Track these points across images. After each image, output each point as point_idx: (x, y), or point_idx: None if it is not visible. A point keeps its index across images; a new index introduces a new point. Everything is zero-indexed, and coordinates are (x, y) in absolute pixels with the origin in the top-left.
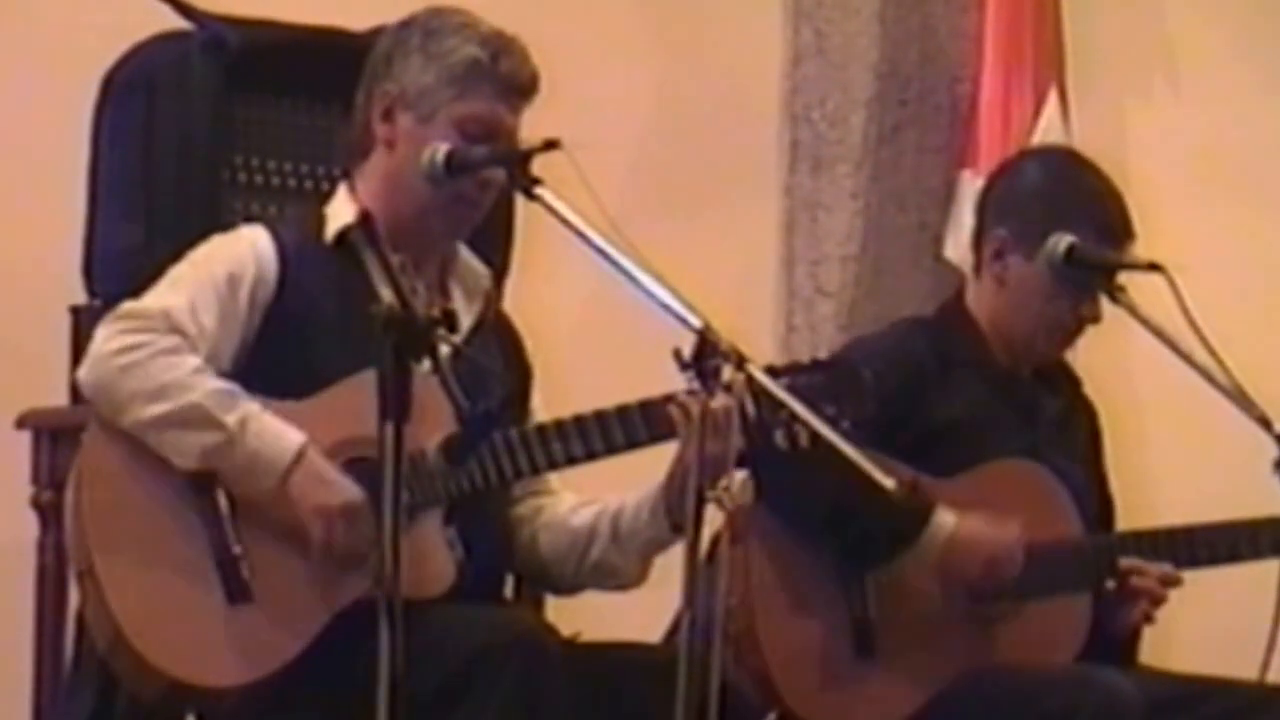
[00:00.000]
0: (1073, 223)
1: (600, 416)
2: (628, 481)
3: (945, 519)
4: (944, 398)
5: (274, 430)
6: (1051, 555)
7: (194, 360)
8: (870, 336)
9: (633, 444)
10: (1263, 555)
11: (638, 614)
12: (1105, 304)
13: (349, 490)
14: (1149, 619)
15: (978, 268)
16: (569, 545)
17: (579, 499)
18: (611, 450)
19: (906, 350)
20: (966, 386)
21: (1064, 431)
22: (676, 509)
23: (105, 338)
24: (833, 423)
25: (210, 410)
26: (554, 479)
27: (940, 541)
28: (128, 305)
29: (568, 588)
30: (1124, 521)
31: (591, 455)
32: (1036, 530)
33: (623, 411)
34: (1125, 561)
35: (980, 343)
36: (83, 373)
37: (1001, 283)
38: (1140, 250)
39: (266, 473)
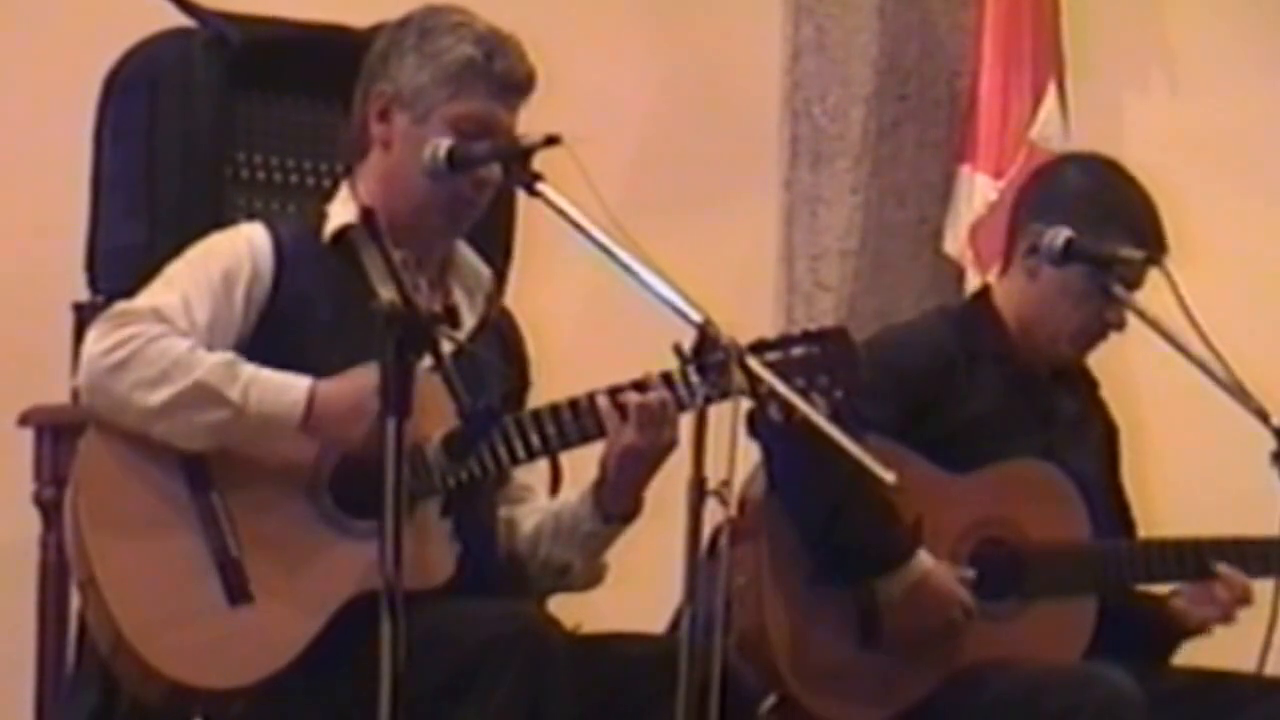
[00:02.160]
0: (1114, 228)
1: (592, 398)
2: None
3: (924, 559)
4: (968, 392)
5: (277, 388)
6: (1060, 557)
7: (185, 342)
8: (899, 326)
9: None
10: (1273, 573)
11: (639, 607)
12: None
13: (368, 410)
14: (1226, 619)
15: (1007, 264)
16: (524, 548)
17: (542, 503)
18: (605, 434)
19: (936, 342)
20: (988, 382)
21: (1079, 432)
22: (608, 500)
23: (95, 339)
24: (826, 392)
25: (214, 386)
26: (537, 485)
27: (912, 579)
28: (118, 306)
29: (533, 590)
30: None
31: (583, 438)
32: (1047, 530)
33: (614, 392)
34: (1225, 568)
35: (1004, 338)
36: (78, 378)
37: (1033, 276)
38: None
39: (282, 433)
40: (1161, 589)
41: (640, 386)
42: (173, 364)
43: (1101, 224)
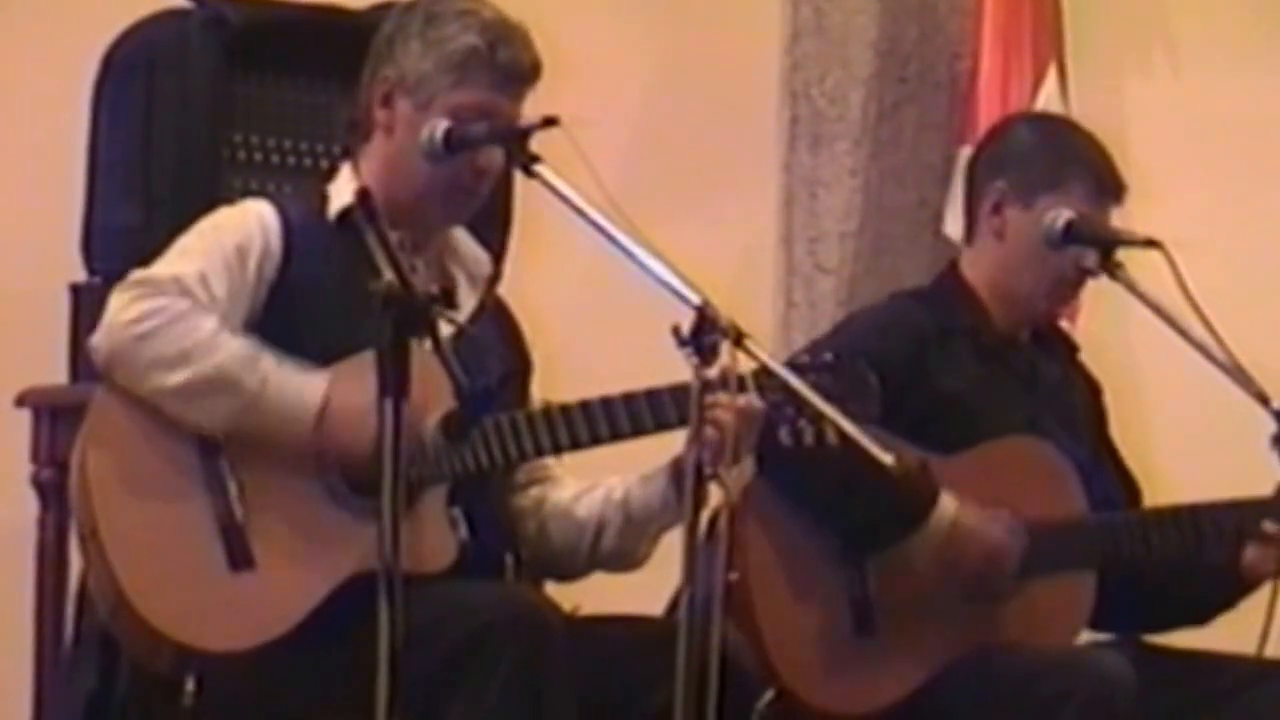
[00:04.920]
0: (1070, 176)
1: (607, 403)
2: (630, 467)
3: (948, 504)
4: (945, 368)
5: (295, 385)
6: (1057, 533)
7: (210, 322)
8: (868, 310)
9: (639, 431)
10: None
11: (636, 588)
12: (1104, 280)
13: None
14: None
15: (971, 232)
16: (577, 536)
17: (580, 486)
18: (618, 436)
19: (906, 323)
20: (965, 356)
21: (1062, 398)
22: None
23: (120, 306)
24: None
25: (232, 374)
26: (555, 465)
27: (944, 527)
28: (139, 273)
29: (576, 575)
30: None
31: (597, 440)
32: (1042, 508)
33: (629, 399)
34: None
35: (978, 311)
36: (98, 340)
37: (1000, 236)
38: (1138, 225)
39: (296, 428)
40: None
41: (653, 394)
42: (195, 345)
43: (1058, 169)
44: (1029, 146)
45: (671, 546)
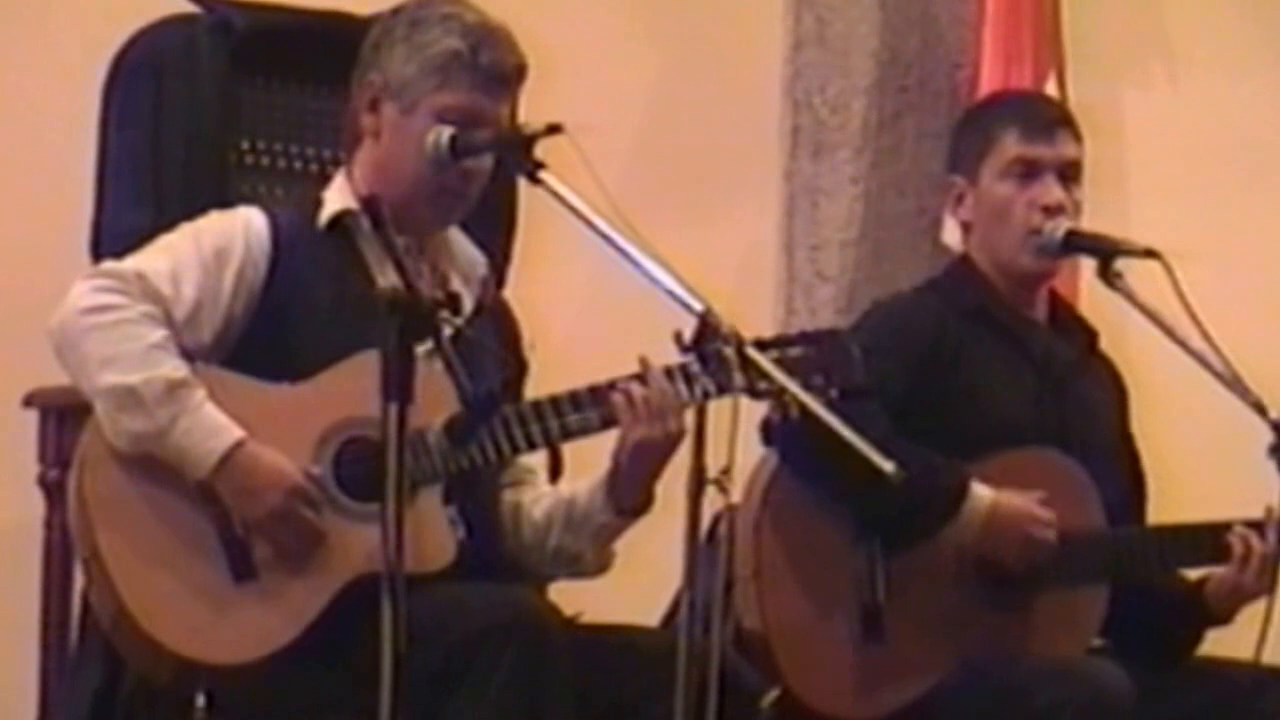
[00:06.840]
0: (995, 133)
1: (594, 391)
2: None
3: (982, 491)
4: (961, 352)
5: (205, 430)
6: (1074, 546)
7: (158, 334)
8: (885, 303)
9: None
10: None
11: (638, 594)
12: (1102, 289)
13: (272, 497)
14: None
15: (966, 234)
16: (533, 535)
17: (549, 489)
18: (609, 424)
19: (928, 305)
20: (981, 337)
21: (1075, 382)
22: (621, 494)
23: (79, 293)
24: (820, 392)
25: (144, 398)
26: (539, 469)
27: (981, 514)
28: (107, 264)
29: (540, 576)
30: None
31: (585, 428)
32: (1062, 520)
33: (617, 385)
34: (1237, 529)
35: (989, 291)
36: (51, 323)
37: (971, 226)
38: (1137, 235)
39: (194, 473)
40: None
41: (641, 379)
42: (127, 354)
43: (984, 135)
44: (963, 132)
45: (673, 551)
